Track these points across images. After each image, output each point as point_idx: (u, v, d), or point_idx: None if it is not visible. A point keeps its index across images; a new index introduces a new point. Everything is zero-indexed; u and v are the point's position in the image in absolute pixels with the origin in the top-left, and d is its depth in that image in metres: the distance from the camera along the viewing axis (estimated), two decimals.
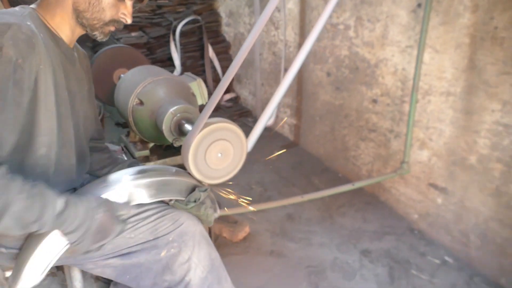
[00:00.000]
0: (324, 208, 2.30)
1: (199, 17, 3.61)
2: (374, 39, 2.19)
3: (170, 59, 3.64)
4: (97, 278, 1.70)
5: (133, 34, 3.46)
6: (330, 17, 2.45)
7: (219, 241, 2.01)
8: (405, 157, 1.83)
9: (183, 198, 1.13)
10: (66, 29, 1.06)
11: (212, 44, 3.71)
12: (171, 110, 1.37)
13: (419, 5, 1.92)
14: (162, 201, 1.18)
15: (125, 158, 1.73)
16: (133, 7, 1.10)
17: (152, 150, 1.68)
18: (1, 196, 0.81)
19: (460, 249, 1.92)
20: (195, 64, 3.67)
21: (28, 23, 0.94)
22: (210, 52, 3.68)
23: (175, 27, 3.52)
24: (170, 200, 1.14)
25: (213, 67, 3.76)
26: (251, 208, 1.56)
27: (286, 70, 3.04)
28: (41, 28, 1.00)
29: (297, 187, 2.52)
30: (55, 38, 1.04)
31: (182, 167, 1.21)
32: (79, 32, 1.10)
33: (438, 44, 1.86)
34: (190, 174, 1.16)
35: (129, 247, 1.07)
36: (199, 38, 3.68)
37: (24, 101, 0.91)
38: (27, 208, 0.84)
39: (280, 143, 3.12)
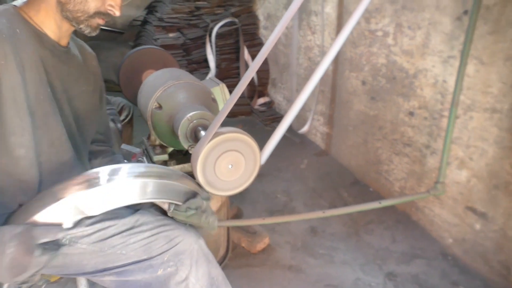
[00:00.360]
0: (351, 224, 2.18)
1: (236, 20, 3.58)
2: (414, 47, 2.05)
3: (206, 60, 3.64)
4: None
5: (171, 35, 3.50)
6: (369, 23, 2.33)
7: (236, 251, 1.95)
8: (439, 176, 1.68)
9: (180, 203, 1.05)
10: (52, 25, 1.04)
11: (248, 47, 3.67)
12: (188, 116, 1.33)
13: (465, 12, 1.76)
14: (158, 211, 1.12)
15: (145, 161, 1.72)
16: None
17: (171, 155, 1.65)
18: None
19: (498, 282, 1.74)
20: (230, 66, 3.64)
21: None
22: (246, 55, 3.64)
23: (212, 29, 3.52)
24: (169, 208, 1.07)
25: None
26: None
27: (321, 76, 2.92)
28: (18, 24, 0.98)
29: (324, 199, 2.42)
30: (38, 34, 1.02)
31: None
32: (67, 27, 1.07)
33: (485, 56, 1.69)
34: (195, 182, 1.11)
35: (123, 264, 1.03)
36: (236, 41, 3.65)
37: None
38: None
39: (310, 151, 3.02)
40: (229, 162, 1.13)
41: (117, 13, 1.06)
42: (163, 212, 1.12)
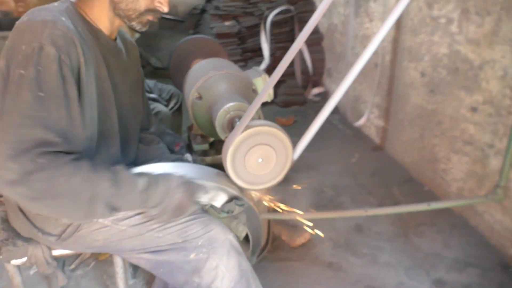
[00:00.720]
0: (400, 223, 2.05)
1: (291, 7, 3.50)
2: (481, 36, 1.85)
3: (261, 49, 3.61)
4: None
5: (226, 23, 3.51)
6: (431, 8, 2.15)
7: (276, 244, 1.93)
8: (501, 180, 1.52)
9: (218, 206, 1.10)
10: (105, 21, 1.07)
11: None
12: (225, 107, 1.32)
13: None
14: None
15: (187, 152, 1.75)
16: None
17: (211, 144, 1.66)
18: (89, 188, 0.89)
19: None
20: (284, 55, 3.57)
21: (63, 19, 0.95)
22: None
23: (267, 16, 3.47)
24: (205, 204, 1.11)
25: (303, 59, 3.63)
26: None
27: (378, 66, 2.79)
28: (78, 22, 1.01)
29: (373, 196, 2.31)
30: (94, 30, 1.06)
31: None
32: (119, 23, 1.10)
33: None
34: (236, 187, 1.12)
35: (158, 245, 1.08)
36: (291, 29, 3.58)
37: (76, 95, 0.94)
38: (114, 195, 0.92)
39: (363, 145, 2.89)
40: (259, 156, 1.10)
41: (165, 9, 1.08)
42: None
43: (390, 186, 2.40)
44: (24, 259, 1.14)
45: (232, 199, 1.12)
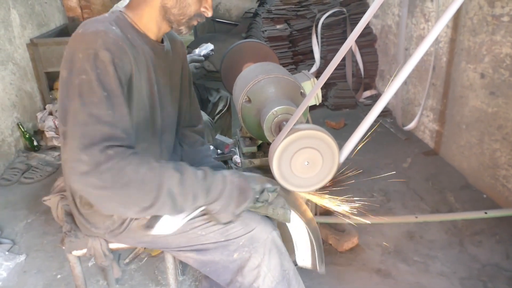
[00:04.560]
0: (455, 231, 1.96)
1: (343, 9, 3.46)
2: None
3: (312, 52, 3.61)
4: None
5: (278, 26, 3.54)
6: (493, 7, 2.04)
7: (323, 248, 1.92)
8: None
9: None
10: (153, 27, 1.13)
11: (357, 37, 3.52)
12: (273, 110, 1.35)
13: None
14: None
15: (237, 152, 1.80)
16: None
17: (260, 147, 1.69)
18: (156, 176, 0.91)
19: None
20: None
21: (113, 28, 1.02)
22: (353, 46, 3.50)
23: (318, 19, 3.46)
24: None
25: (355, 61, 3.57)
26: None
27: (434, 68, 2.69)
28: (128, 30, 1.08)
29: (426, 202, 2.22)
30: (142, 36, 1.12)
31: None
32: (165, 28, 1.15)
33: None
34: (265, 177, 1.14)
35: (202, 244, 1.11)
36: (343, 31, 3.53)
37: (126, 97, 1.00)
38: (180, 183, 0.94)
39: (417, 149, 2.79)
40: (305, 159, 1.12)
41: (210, 13, 1.14)
42: None
43: (444, 192, 2.30)
44: (84, 250, 1.23)
45: (263, 189, 1.11)
